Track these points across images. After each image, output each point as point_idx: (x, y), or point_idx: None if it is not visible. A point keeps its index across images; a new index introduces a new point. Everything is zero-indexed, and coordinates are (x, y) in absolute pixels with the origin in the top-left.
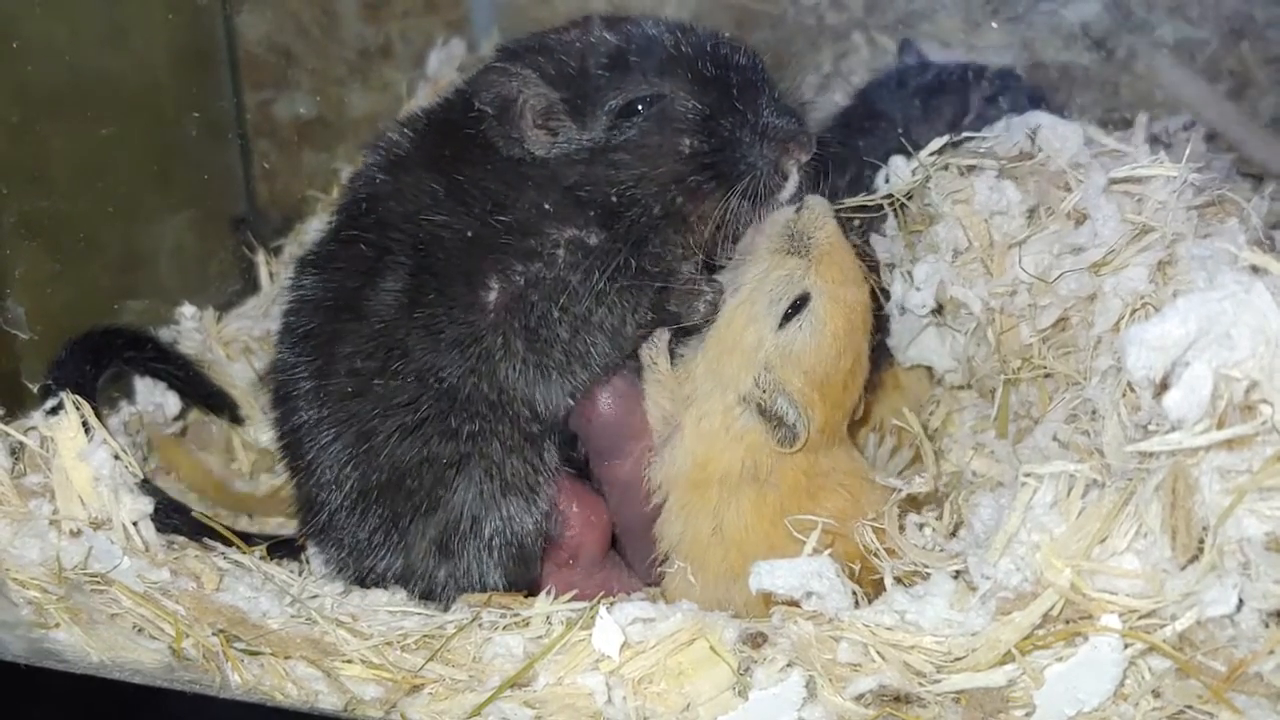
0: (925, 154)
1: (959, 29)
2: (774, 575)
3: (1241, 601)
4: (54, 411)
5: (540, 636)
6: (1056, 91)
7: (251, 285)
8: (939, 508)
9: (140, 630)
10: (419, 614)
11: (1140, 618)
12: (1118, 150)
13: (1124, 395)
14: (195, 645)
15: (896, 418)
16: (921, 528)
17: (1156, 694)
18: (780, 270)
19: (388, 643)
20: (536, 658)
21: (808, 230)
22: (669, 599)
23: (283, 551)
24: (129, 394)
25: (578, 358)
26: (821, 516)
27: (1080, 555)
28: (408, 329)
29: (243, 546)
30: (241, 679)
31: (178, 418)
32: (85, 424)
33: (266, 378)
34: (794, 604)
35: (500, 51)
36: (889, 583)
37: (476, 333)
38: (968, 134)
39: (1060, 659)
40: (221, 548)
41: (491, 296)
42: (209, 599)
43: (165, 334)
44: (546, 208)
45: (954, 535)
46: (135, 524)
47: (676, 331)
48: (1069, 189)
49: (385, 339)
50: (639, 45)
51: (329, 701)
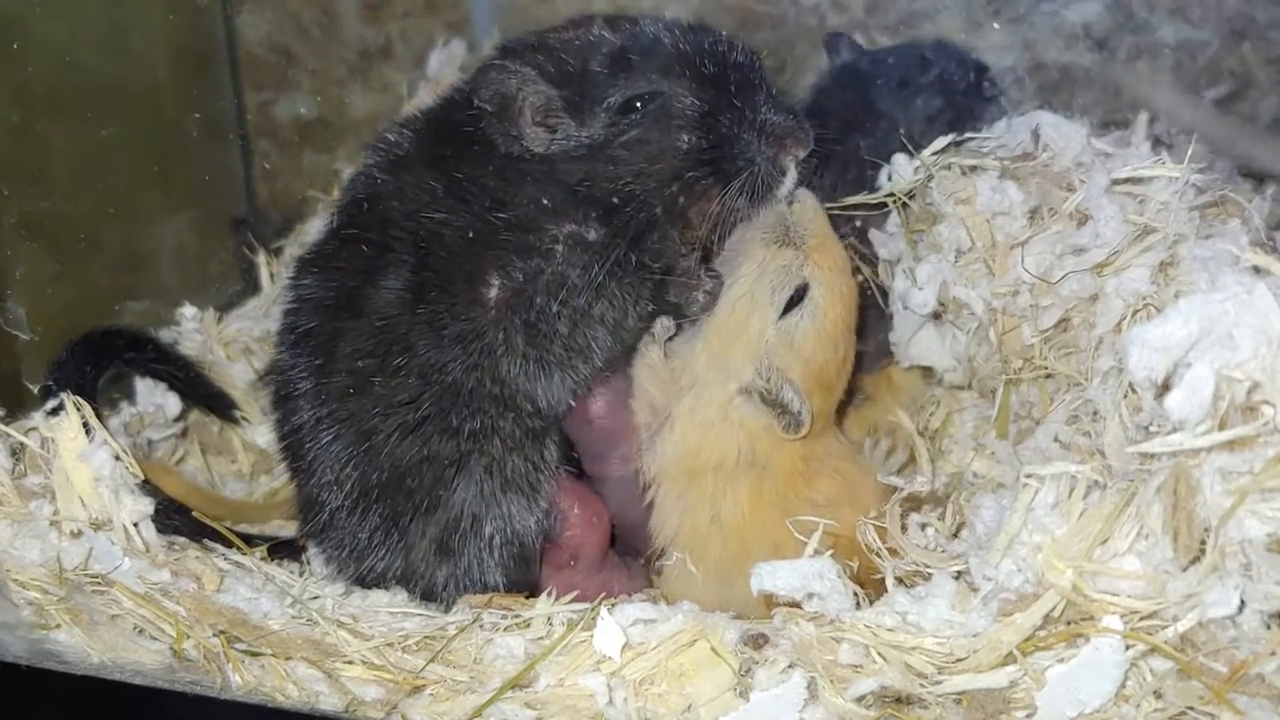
0: (927, 153)
1: (960, 30)
2: (775, 576)
3: (1243, 603)
4: (54, 412)
5: (541, 638)
6: (1057, 92)
7: (252, 286)
8: (941, 508)
9: (141, 631)
10: (420, 615)
11: (1142, 619)
12: (1119, 151)
13: (1125, 396)
14: (196, 646)
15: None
16: (924, 528)
17: (1158, 695)
18: (778, 261)
19: (389, 644)
20: (538, 659)
21: (801, 223)
22: (668, 591)
23: (283, 552)
24: (129, 395)
25: (578, 352)
26: (817, 500)
27: (1082, 556)
28: (409, 326)
29: (243, 548)
30: (242, 680)
31: (178, 419)
32: (86, 425)
33: (265, 378)
34: (795, 605)
35: (499, 49)
36: (890, 583)
37: (478, 329)
38: (970, 134)
39: (1062, 660)
40: (222, 549)
41: (492, 293)
42: (210, 600)
43: (166, 335)
44: (545, 204)
45: (956, 536)
46: (136, 525)
47: (668, 310)
48: (1071, 189)
49: (386, 337)
50: (637, 43)
51: (330, 702)
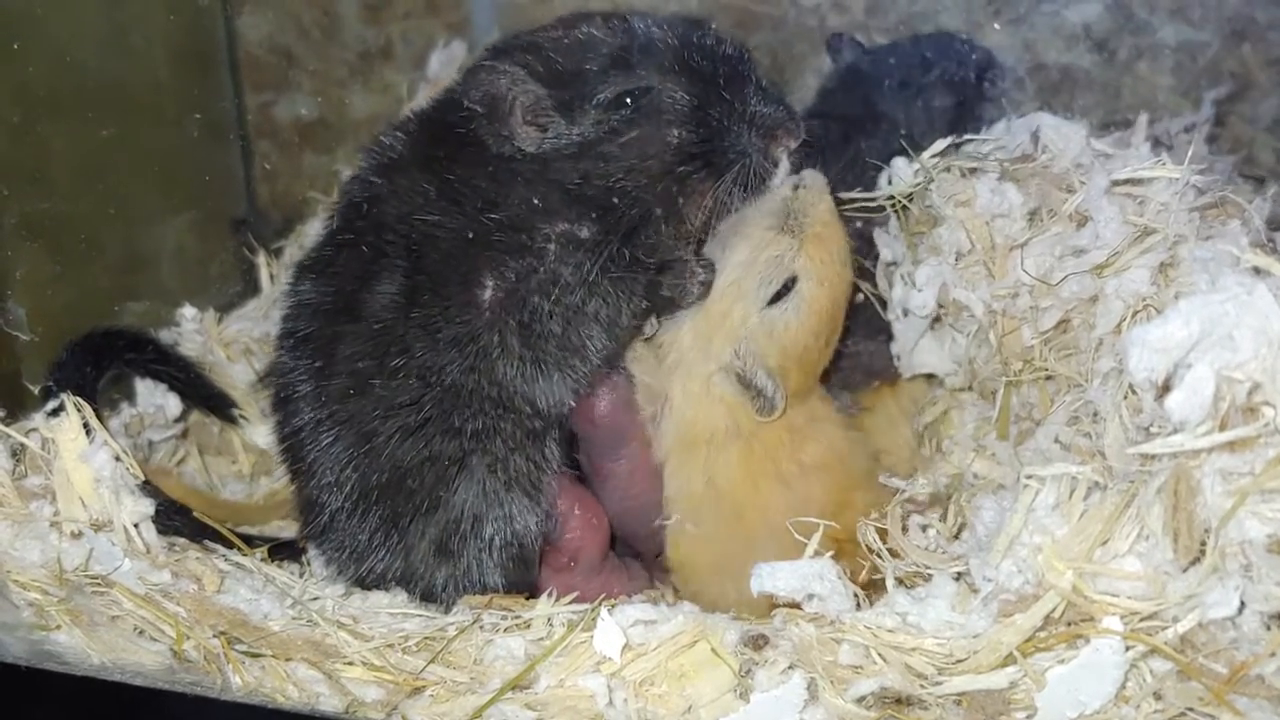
0: (927, 156)
1: (961, 30)
2: (775, 577)
3: (1243, 604)
4: (55, 413)
5: (541, 638)
6: (1058, 94)
7: (252, 287)
8: (942, 509)
9: (141, 632)
10: (420, 616)
11: (1142, 620)
12: (1119, 152)
13: (1125, 397)
14: (196, 647)
15: (894, 425)
16: (924, 529)
17: (1158, 696)
18: (771, 250)
19: (389, 645)
20: (538, 660)
21: (803, 208)
22: (670, 553)
23: (284, 553)
24: (130, 396)
25: (574, 351)
26: (805, 463)
27: (1082, 557)
28: (405, 329)
29: (244, 549)
30: (242, 681)
31: (178, 420)
32: (86, 425)
33: (265, 380)
34: (795, 606)
35: (489, 50)
36: (891, 584)
37: (473, 331)
38: (969, 135)
39: (1062, 661)
40: (222, 549)
41: (486, 294)
42: (210, 601)
43: (166, 335)
44: (537, 203)
45: (957, 537)
46: (136, 526)
47: (662, 303)
48: (1071, 191)
49: (384, 340)
50: (625, 39)
51: (330, 703)
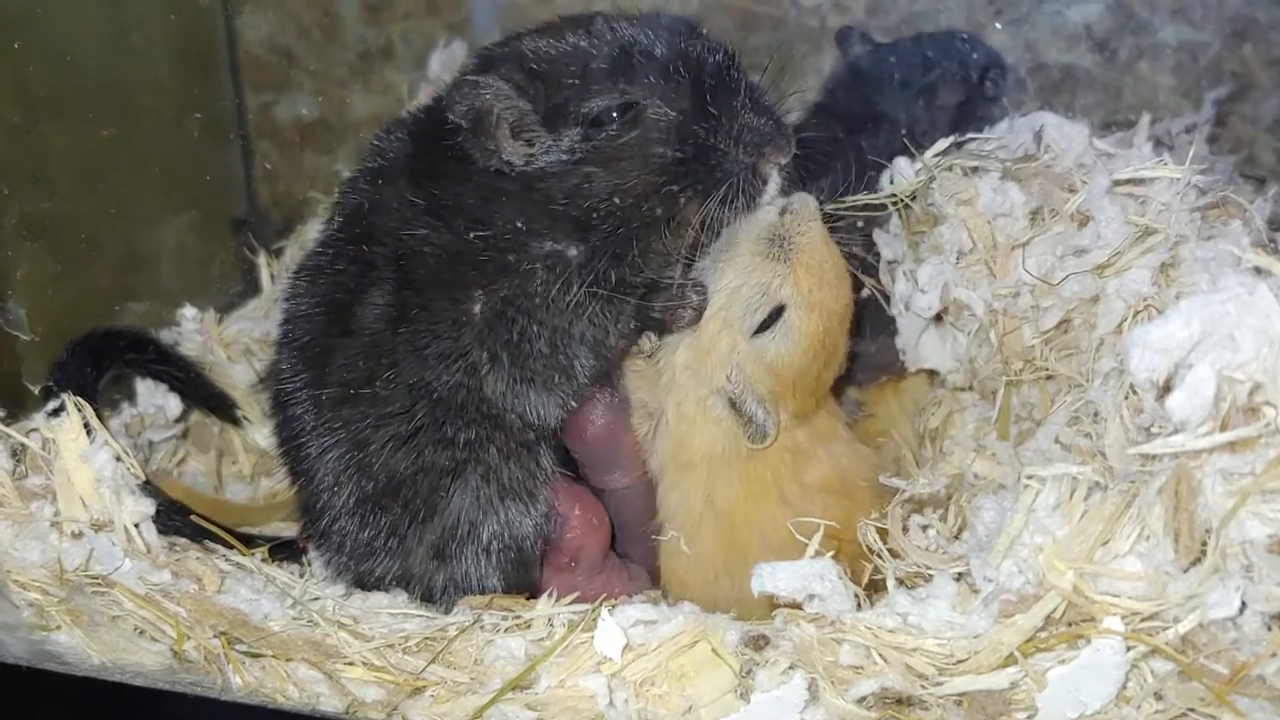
0: (929, 155)
1: (963, 30)
2: (776, 578)
3: (1244, 604)
4: (55, 413)
5: (542, 639)
6: (1059, 93)
7: (253, 287)
8: (942, 510)
9: (141, 632)
10: (420, 616)
11: (1143, 620)
12: (1121, 152)
13: (1126, 397)
14: (197, 647)
15: (895, 423)
16: (925, 529)
17: (1159, 696)
18: (759, 277)
19: (389, 645)
20: (538, 660)
21: (790, 234)
22: (663, 570)
23: (284, 554)
24: (130, 396)
25: (561, 370)
26: (808, 484)
27: (1083, 558)
28: (395, 343)
29: (243, 549)
30: (243, 681)
31: (178, 420)
32: (87, 425)
33: (265, 382)
34: (796, 606)
35: (474, 60)
36: (891, 585)
37: (461, 348)
38: (972, 134)
39: (1063, 661)
40: (223, 550)
41: (474, 311)
42: (210, 601)
43: (166, 336)
44: (524, 222)
45: (957, 537)
46: (137, 526)
47: (653, 325)
48: (1073, 190)
49: (375, 352)
50: (610, 50)
51: (330, 704)
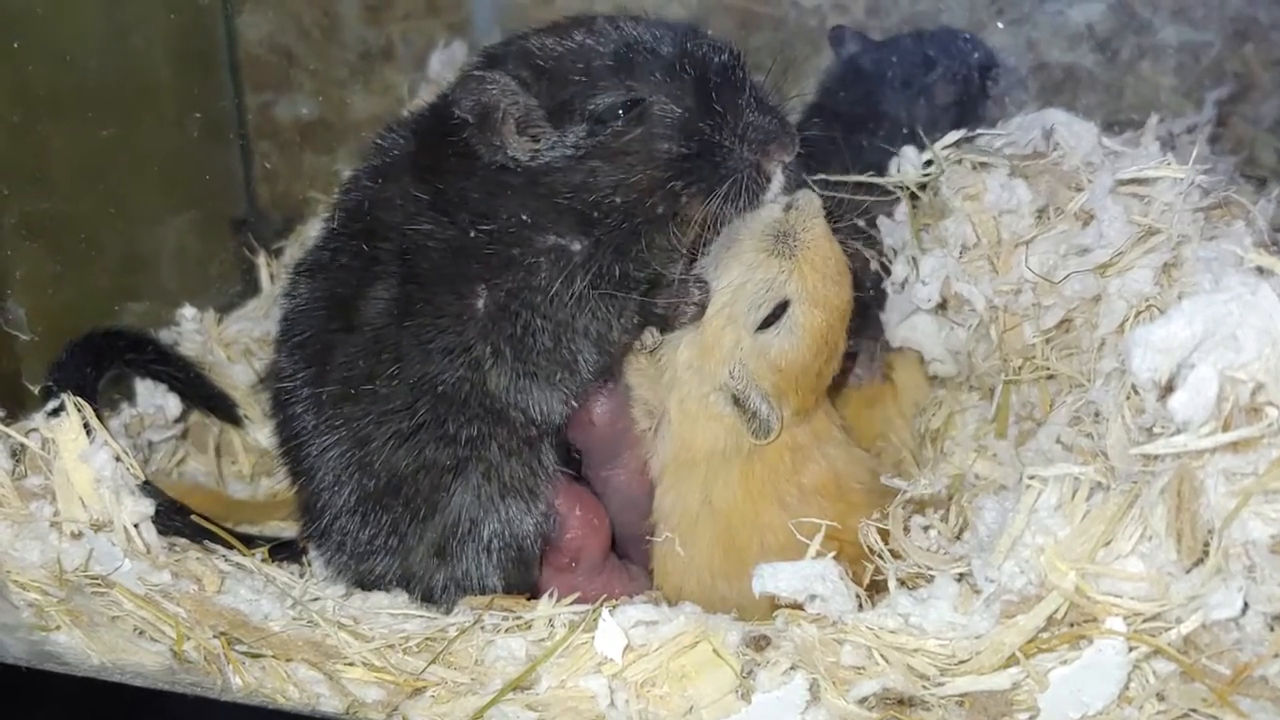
0: (939, 147)
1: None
2: (777, 578)
3: (1246, 605)
4: (55, 413)
5: (543, 639)
6: (1060, 93)
7: (252, 287)
8: (943, 510)
9: (141, 633)
10: (421, 616)
11: (1145, 621)
12: (1130, 151)
13: (1128, 397)
14: (196, 648)
15: (893, 425)
16: (926, 530)
17: (1161, 697)
18: (763, 273)
19: (389, 645)
20: (539, 660)
21: (795, 230)
22: (657, 572)
23: (284, 554)
24: (130, 396)
25: (565, 365)
26: (805, 485)
27: (1085, 558)
28: (399, 337)
29: (243, 550)
30: (243, 681)
31: (178, 420)
32: (86, 426)
33: (265, 382)
34: (797, 607)
35: (481, 57)
36: (893, 585)
37: (465, 342)
38: (982, 130)
39: (1065, 662)
40: (223, 550)
41: (478, 306)
42: (210, 601)
43: (166, 336)
44: (529, 216)
45: (958, 538)
46: (136, 526)
47: (656, 321)
48: (1079, 189)
49: (378, 347)
50: (616, 48)
51: (330, 704)
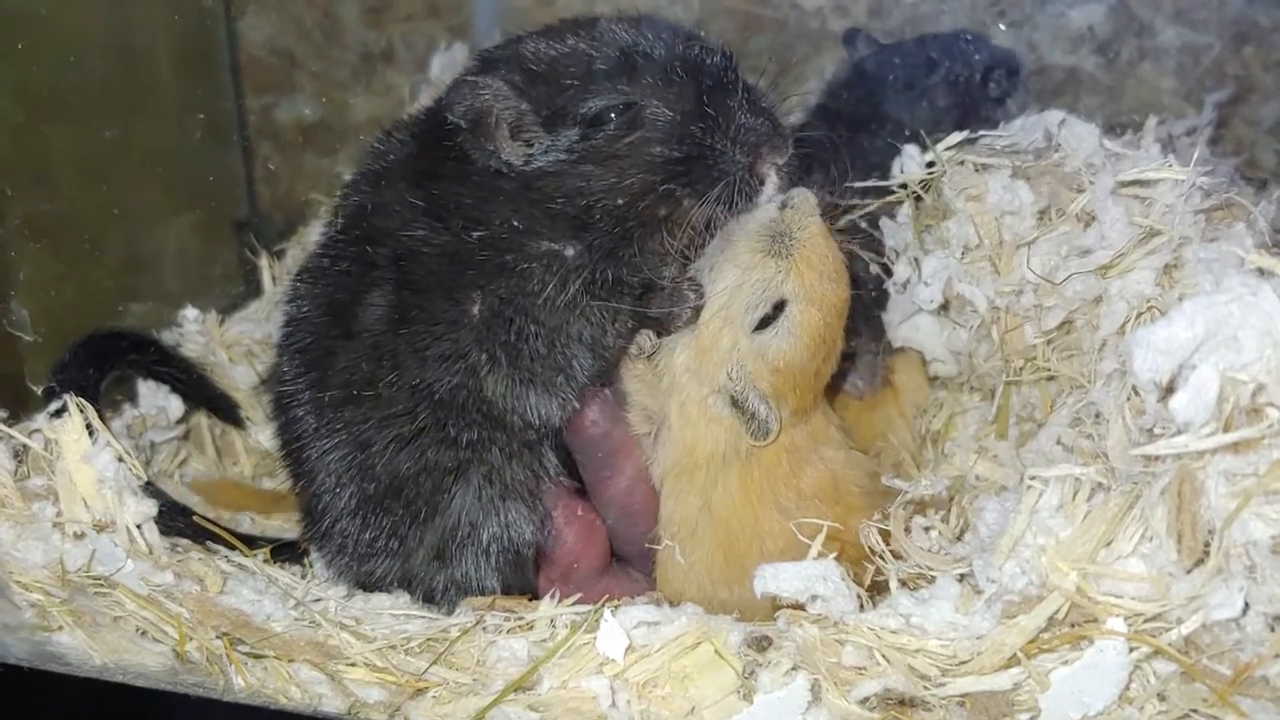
0: (942, 148)
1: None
2: (779, 578)
3: (1247, 605)
4: (58, 414)
5: (544, 640)
6: (1061, 95)
7: (254, 288)
8: (944, 511)
9: (144, 633)
10: (423, 617)
11: (1146, 621)
12: (1131, 153)
13: (1129, 399)
14: (199, 648)
15: (894, 427)
16: (927, 530)
17: (1162, 697)
18: (759, 274)
19: (391, 646)
20: (541, 661)
21: (790, 229)
22: (658, 578)
23: (286, 555)
24: (132, 397)
25: (560, 370)
26: (803, 490)
27: (1086, 559)
28: (396, 344)
29: (246, 550)
30: (245, 682)
31: (180, 421)
32: (89, 426)
33: (267, 385)
34: (799, 607)
35: (475, 61)
36: (894, 586)
37: (461, 349)
38: (984, 131)
39: (1066, 662)
40: (225, 550)
41: (473, 312)
42: (213, 602)
43: (168, 337)
44: (522, 221)
45: (960, 539)
46: (139, 527)
47: (650, 325)
48: (1081, 190)
49: (377, 353)
50: (609, 51)
51: (333, 705)
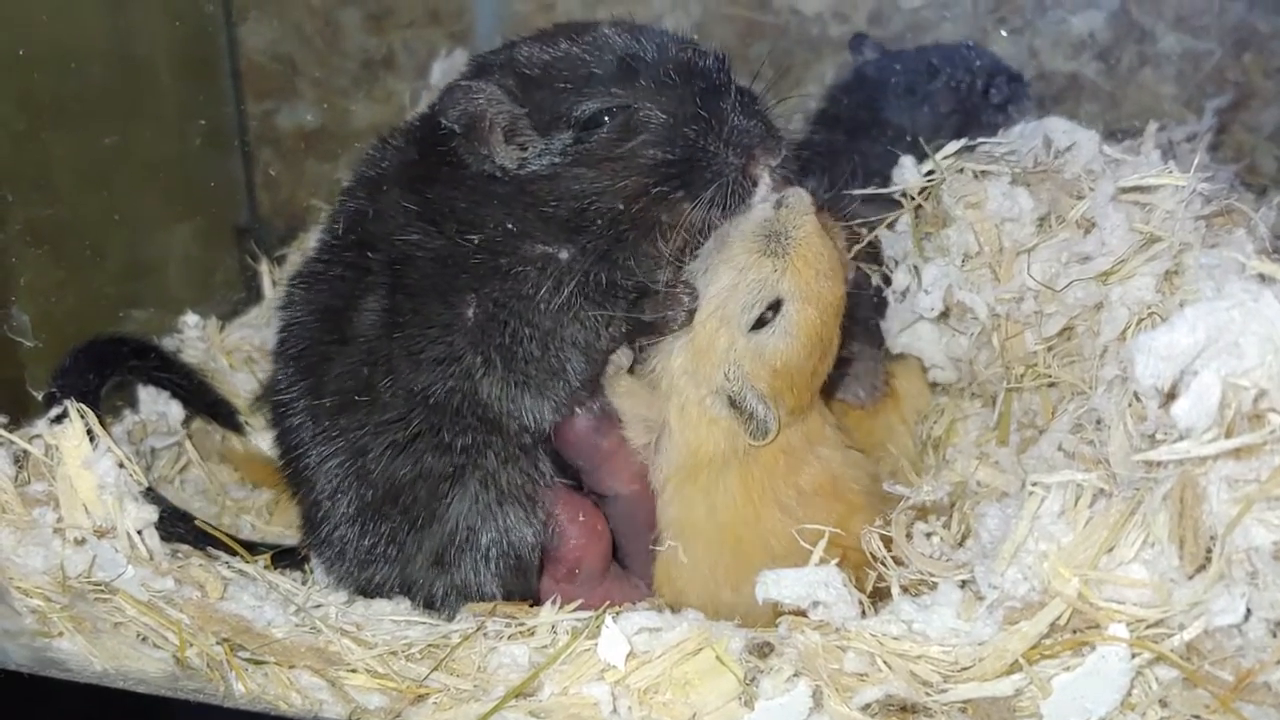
0: (941, 156)
1: (967, 39)
2: (780, 584)
3: (1249, 611)
4: (58, 420)
5: (545, 646)
6: (1062, 101)
7: (254, 294)
8: (946, 517)
9: (144, 639)
10: (424, 623)
11: (1148, 627)
12: (1131, 159)
13: (1130, 405)
14: (199, 654)
15: (894, 434)
16: (929, 537)
17: (1164, 704)
18: (755, 273)
19: (392, 652)
20: (542, 667)
21: (786, 229)
22: (658, 581)
23: (286, 561)
24: (132, 403)
25: (554, 373)
26: (804, 488)
27: (1088, 565)
28: (390, 348)
29: (246, 556)
30: (246, 688)
31: (181, 426)
32: (90, 432)
33: (262, 397)
34: (800, 613)
35: (469, 66)
36: (896, 592)
37: (455, 352)
38: (983, 138)
39: (1068, 668)
40: (226, 556)
41: (467, 315)
42: (213, 608)
43: (169, 342)
44: (516, 224)
45: (961, 545)
46: (140, 532)
47: (644, 329)
48: (1081, 197)
49: (372, 358)
50: (602, 55)
51: (333, 711)
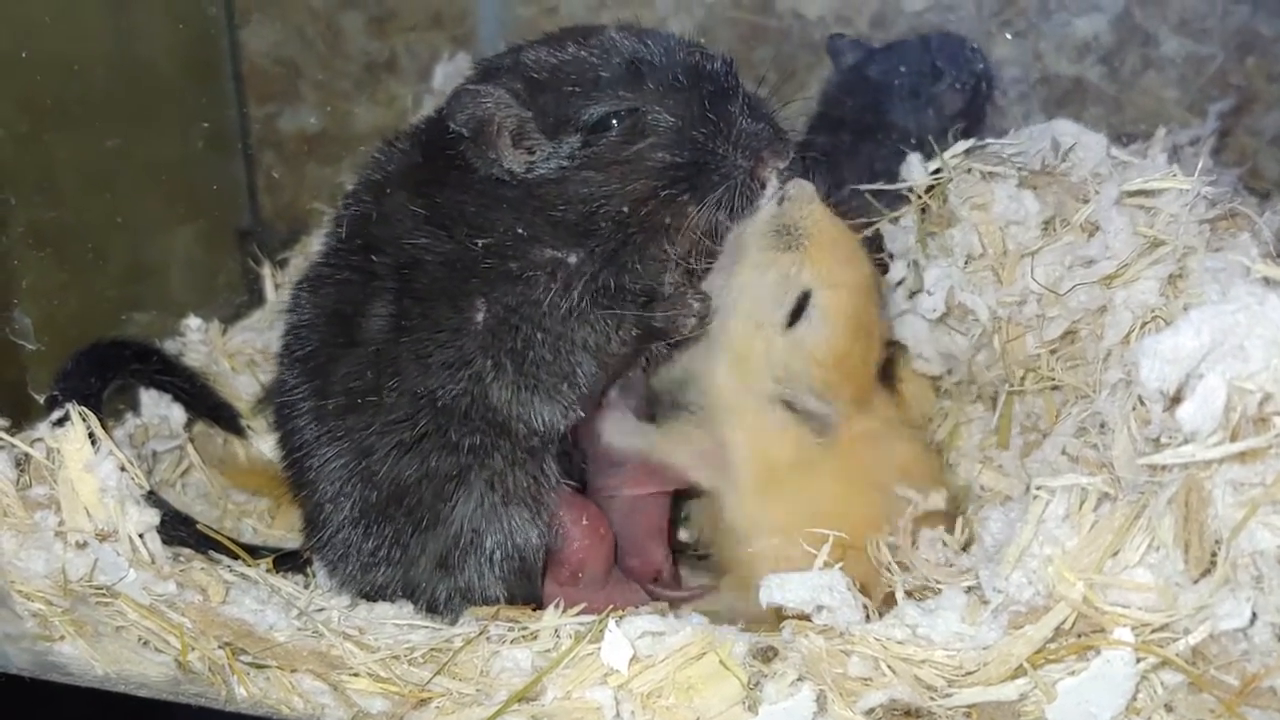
0: (948, 155)
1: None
2: (784, 589)
3: (1255, 615)
4: (60, 423)
5: (548, 650)
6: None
7: (257, 298)
8: (950, 522)
9: (146, 643)
10: (426, 627)
11: (1153, 631)
12: (1138, 162)
13: (1134, 408)
14: (201, 658)
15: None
16: (934, 542)
17: (1169, 708)
18: (775, 271)
19: (395, 656)
20: (545, 671)
21: (795, 221)
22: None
23: (289, 564)
24: (134, 406)
25: (564, 377)
26: (897, 468)
27: (1092, 569)
28: (399, 352)
29: (248, 560)
30: (248, 692)
31: (183, 429)
32: (91, 435)
33: (266, 400)
34: (805, 618)
35: (476, 70)
36: (900, 596)
37: (465, 356)
38: (991, 140)
39: (1073, 673)
40: (228, 560)
41: (477, 319)
42: (215, 612)
43: (171, 346)
44: (525, 229)
45: (966, 549)
46: (141, 536)
47: (655, 332)
48: (1086, 200)
49: (379, 362)
50: (609, 59)
51: (335, 715)
